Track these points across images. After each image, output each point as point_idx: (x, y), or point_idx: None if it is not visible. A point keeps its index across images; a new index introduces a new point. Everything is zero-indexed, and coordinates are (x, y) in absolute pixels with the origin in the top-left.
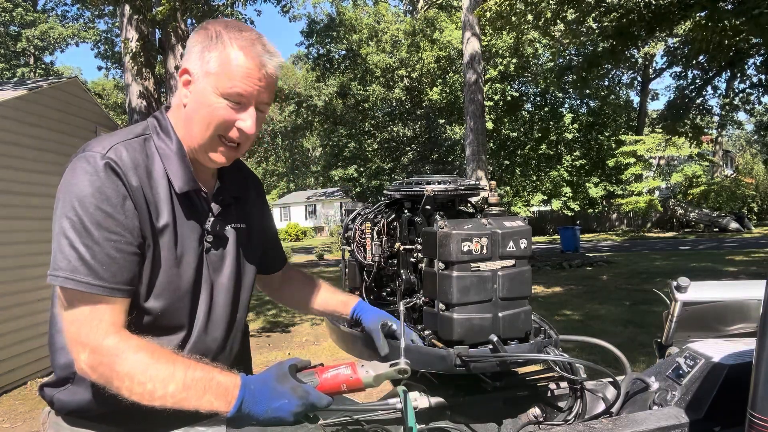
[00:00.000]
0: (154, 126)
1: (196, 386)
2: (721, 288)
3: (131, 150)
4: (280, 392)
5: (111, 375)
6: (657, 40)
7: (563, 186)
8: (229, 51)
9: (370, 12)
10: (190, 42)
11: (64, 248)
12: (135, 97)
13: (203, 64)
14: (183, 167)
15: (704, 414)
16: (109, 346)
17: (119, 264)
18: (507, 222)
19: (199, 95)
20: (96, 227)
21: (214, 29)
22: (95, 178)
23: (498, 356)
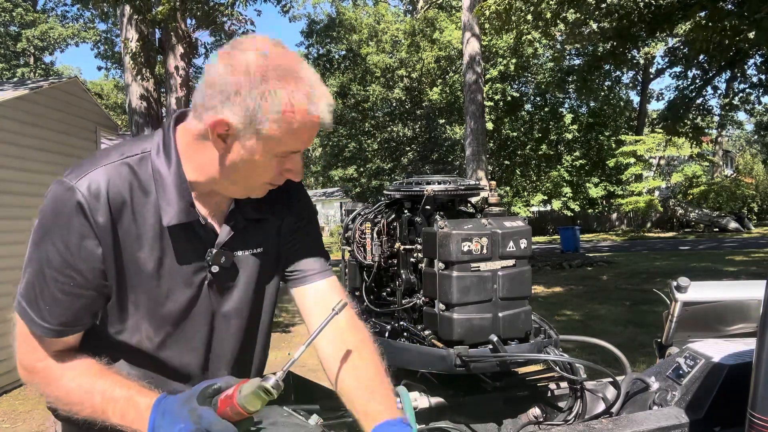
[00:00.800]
0: (158, 143)
1: (114, 409)
2: (721, 288)
3: (115, 177)
4: (180, 416)
5: (45, 392)
6: (657, 40)
7: (563, 186)
8: (289, 115)
9: (370, 12)
10: (223, 83)
11: (24, 274)
12: (135, 97)
13: (253, 122)
14: (179, 196)
15: (704, 414)
16: (39, 369)
17: (64, 306)
18: (507, 222)
19: (244, 154)
20: (47, 265)
21: (263, 77)
22: (56, 212)
23: (498, 356)
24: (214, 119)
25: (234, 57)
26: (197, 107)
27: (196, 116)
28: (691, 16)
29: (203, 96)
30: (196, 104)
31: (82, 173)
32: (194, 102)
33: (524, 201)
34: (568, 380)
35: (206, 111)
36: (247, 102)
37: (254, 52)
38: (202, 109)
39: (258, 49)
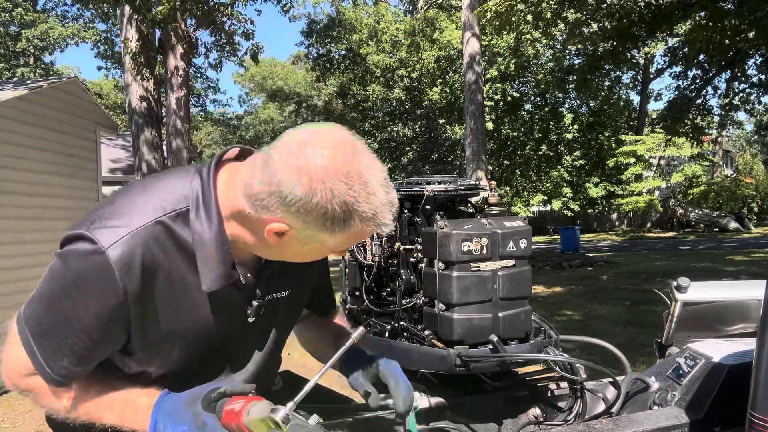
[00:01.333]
0: (195, 197)
1: (112, 411)
2: (721, 288)
3: (150, 242)
4: (183, 417)
5: (37, 404)
6: (657, 40)
7: (563, 186)
8: (355, 234)
9: (370, 12)
10: (289, 190)
11: (35, 304)
12: (135, 97)
13: (316, 235)
14: (220, 261)
15: (704, 414)
16: (31, 386)
17: (72, 360)
18: (507, 222)
19: (297, 248)
20: (62, 319)
21: (333, 194)
22: (82, 275)
23: (498, 356)
24: (276, 224)
25: (302, 164)
26: (252, 198)
27: (251, 204)
28: (691, 15)
29: (261, 192)
30: (251, 194)
31: (114, 237)
32: (249, 189)
33: (524, 201)
34: (568, 380)
35: (266, 211)
36: (315, 222)
37: (325, 159)
38: (258, 205)
39: (329, 154)
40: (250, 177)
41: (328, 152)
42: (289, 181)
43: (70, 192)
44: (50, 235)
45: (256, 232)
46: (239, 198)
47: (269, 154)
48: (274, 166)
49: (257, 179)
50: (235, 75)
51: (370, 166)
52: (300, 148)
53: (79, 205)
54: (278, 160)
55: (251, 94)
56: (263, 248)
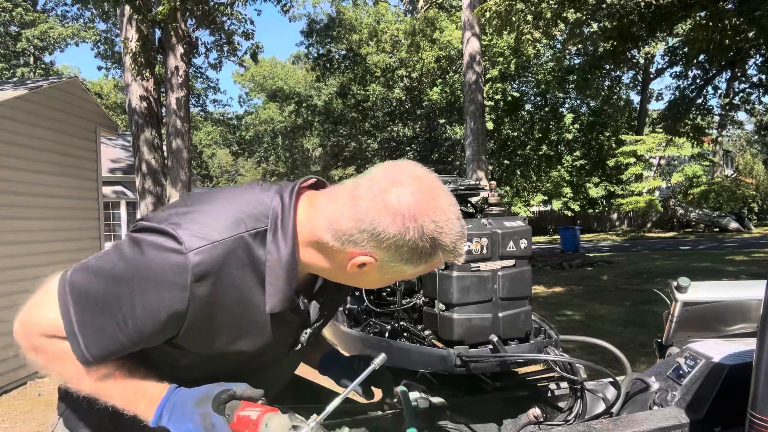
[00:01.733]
0: (274, 219)
1: (121, 393)
2: (721, 288)
3: (231, 256)
4: (190, 416)
5: (44, 366)
6: (657, 40)
7: (563, 186)
8: (436, 261)
9: (370, 12)
10: (378, 228)
11: (91, 274)
12: (135, 97)
13: (399, 267)
14: (287, 284)
15: (704, 414)
16: (46, 347)
17: (113, 346)
18: (507, 222)
19: (374, 276)
20: (115, 304)
21: (419, 233)
22: (154, 270)
23: (498, 356)
24: (362, 258)
25: (394, 202)
26: (339, 233)
27: (337, 238)
28: (691, 15)
29: (350, 228)
30: (338, 229)
31: (199, 243)
32: (336, 224)
33: (524, 201)
34: (569, 380)
35: (354, 245)
36: (404, 255)
37: (411, 206)
38: (345, 239)
39: (417, 192)
40: (337, 213)
41: (416, 190)
42: (381, 220)
43: (70, 192)
44: (50, 235)
45: (333, 260)
46: (322, 230)
47: (355, 192)
48: (363, 204)
49: (345, 216)
50: (235, 75)
51: (448, 202)
52: (388, 187)
53: (79, 205)
54: (368, 198)
55: (251, 94)
56: (336, 274)
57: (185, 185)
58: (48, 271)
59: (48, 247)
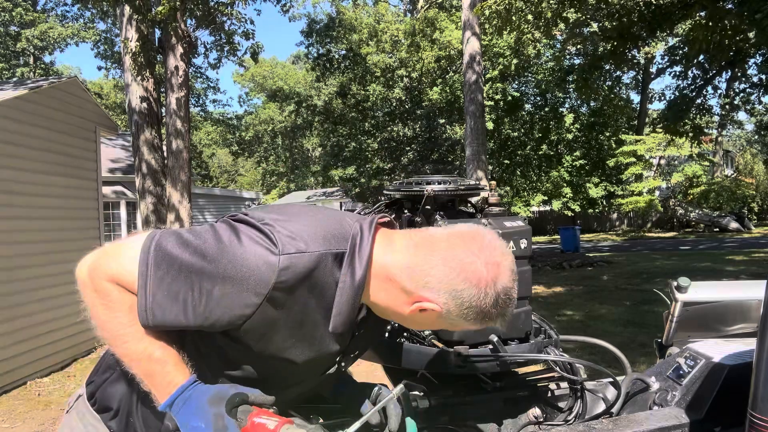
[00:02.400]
0: (353, 244)
1: (145, 365)
2: (721, 288)
3: (316, 269)
4: (203, 414)
5: (88, 304)
6: (657, 40)
7: (563, 186)
8: (489, 323)
9: (370, 12)
10: (455, 284)
11: (173, 249)
12: (135, 97)
13: (457, 320)
14: (350, 309)
15: (704, 414)
16: (106, 290)
17: (173, 314)
18: (507, 222)
19: (428, 320)
20: (198, 281)
21: (500, 305)
22: (242, 265)
23: (498, 356)
24: (430, 305)
25: (477, 265)
26: (419, 278)
27: (411, 280)
28: (691, 15)
29: (429, 276)
30: (419, 274)
31: (292, 248)
32: (418, 269)
33: (524, 201)
34: (569, 380)
35: (427, 290)
36: (470, 314)
37: (492, 272)
38: (422, 285)
39: (500, 263)
40: (421, 260)
41: (500, 265)
42: (465, 280)
43: (70, 192)
44: (50, 235)
45: (396, 298)
46: (399, 269)
47: (442, 247)
48: (451, 265)
49: (430, 266)
50: (235, 75)
51: (515, 278)
52: (477, 256)
53: (79, 205)
54: (456, 263)
55: (251, 94)
56: (391, 312)
57: (185, 185)
58: (48, 271)
59: (48, 247)
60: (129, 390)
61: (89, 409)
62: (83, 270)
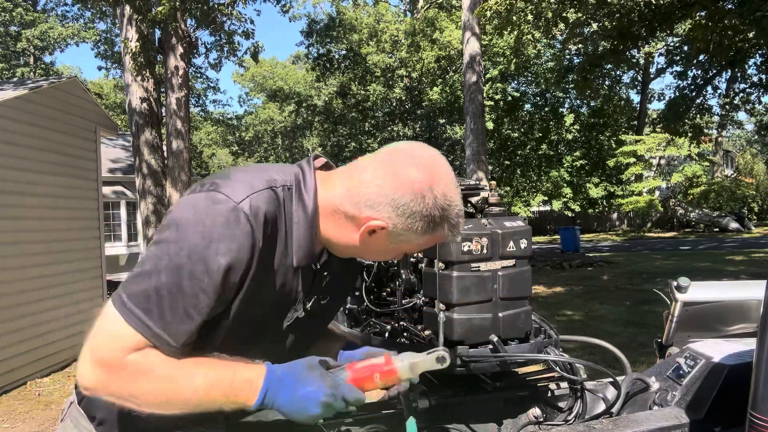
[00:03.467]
0: (298, 181)
1: (220, 388)
2: (721, 288)
3: (270, 205)
4: (307, 379)
5: (121, 391)
6: (657, 40)
7: (563, 186)
8: (438, 238)
9: (370, 12)
10: (394, 196)
11: (142, 278)
12: (135, 97)
13: (407, 235)
14: (308, 241)
15: (704, 414)
16: (127, 364)
17: (193, 324)
18: (507, 222)
19: (382, 244)
20: (188, 279)
21: (432, 204)
22: (217, 228)
23: (498, 356)
24: (375, 223)
25: (411, 172)
26: (358, 198)
27: (351, 201)
28: (692, 15)
29: (369, 193)
30: (357, 194)
31: (242, 194)
32: (355, 190)
33: (524, 201)
34: (569, 380)
35: (369, 209)
36: (415, 224)
37: (428, 176)
38: (363, 204)
39: (431, 173)
40: (355, 182)
41: (433, 165)
42: (400, 186)
43: (70, 192)
44: (50, 235)
45: (346, 228)
46: (340, 198)
47: (375, 164)
48: (383, 172)
49: (365, 183)
50: (235, 75)
51: (455, 183)
52: (408, 161)
53: (79, 205)
54: (387, 170)
55: (251, 94)
56: (345, 246)
57: (185, 186)
58: (48, 271)
59: (48, 247)
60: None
61: (82, 414)
62: (90, 377)
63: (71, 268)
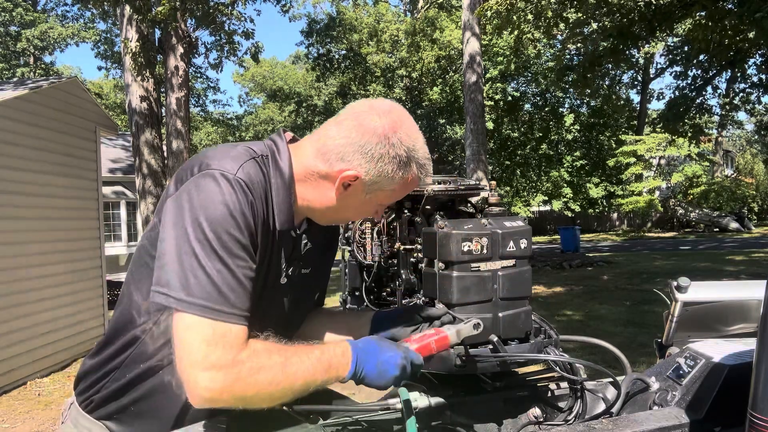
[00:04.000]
0: (273, 151)
1: (321, 365)
2: (721, 288)
3: (256, 173)
4: (385, 347)
5: (245, 389)
6: (657, 39)
7: (563, 186)
8: (410, 181)
9: (370, 12)
10: (363, 143)
11: (195, 272)
12: (135, 97)
13: (381, 182)
14: (287, 205)
15: (704, 414)
16: (244, 359)
17: (246, 291)
18: (507, 222)
19: (359, 199)
20: (227, 253)
21: (398, 146)
22: (230, 202)
23: (498, 356)
24: (348, 173)
25: (375, 122)
26: (328, 154)
27: (323, 159)
28: (692, 15)
29: (339, 146)
30: (327, 151)
31: (234, 167)
32: (324, 147)
33: (524, 201)
34: (568, 380)
35: (340, 161)
36: (385, 168)
37: (390, 122)
38: (334, 158)
39: (393, 119)
40: (324, 138)
41: (393, 112)
42: (365, 132)
43: (70, 192)
44: (50, 235)
45: (321, 188)
46: (311, 159)
47: (338, 119)
48: (349, 124)
49: (331, 137)
50: (235, 75)
51: (416, 128)
52: (368, 111)
53: (79, 205)
54: (352, 120)
55: (251, 94)
56: (322, 207)
57: None
58: (48, 271)
59: (48, 247)
60: (121, 392)
61: (82, 413)
62: (209, 384)
63: (71, 268)
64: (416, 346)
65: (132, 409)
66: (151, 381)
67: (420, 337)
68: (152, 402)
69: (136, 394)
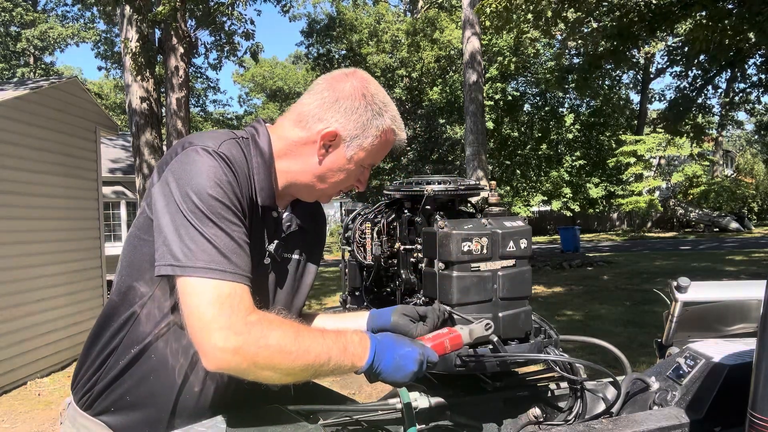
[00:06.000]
0: (252, 134)
1: (337, 346)
2: (721, 288)
3: (236, 151)
4: (403, 343)
5: (257, 352)
6: (657, 39)
7: (563, 186)
8: (387, 135)
9: (370, 12)
10: (337, 101)
11: (194, 238)
12: (135, 97)
13: (359, 136)
14: (267, 182)
15: (704, 414)
16: (255, 321)
17: (244, 252)
18: (507, 222)
19: (340, 161)
20: (220, 218)
21: (372, 100)
22: (214, 171)
23: (498, 356)
24: (327, 130)
25: (345, 81)
26: (305, 120)
27: (301, 126)
28: (692, 15)
29: (315, 108)
30: (303, 117)
31: (215, 144)
32: (300, 115)
33: (524, 201)
34: (568, 380)
35: (318, 122)
36: (361, 119)
37: (360, 80)
38: (312, 121)
39: (362, 78)
40: (297, 110)
41: (356, 72)
42: (336, 90)
43: (70, 192)
44: (50, 235)
45: (303, 155)
46: (288, 131)
47: (312, 87)
48: (318, 89)
49: (306, 105)
50: (235, 75)
51: (383, 89)
52: (335, 75)
53: (79, 205)
54: (321, 86)
55: (251, 94)
56: (306, 176)
57: None
58: (48, 271)
59: (48, 247)
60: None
61: (79, 412)
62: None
63: (71, 268)
64: (431, 344)
65: (128, 398)
66: (145, 364)
67: (434, 336)
68: (147, 387)
69: (131, 381)
